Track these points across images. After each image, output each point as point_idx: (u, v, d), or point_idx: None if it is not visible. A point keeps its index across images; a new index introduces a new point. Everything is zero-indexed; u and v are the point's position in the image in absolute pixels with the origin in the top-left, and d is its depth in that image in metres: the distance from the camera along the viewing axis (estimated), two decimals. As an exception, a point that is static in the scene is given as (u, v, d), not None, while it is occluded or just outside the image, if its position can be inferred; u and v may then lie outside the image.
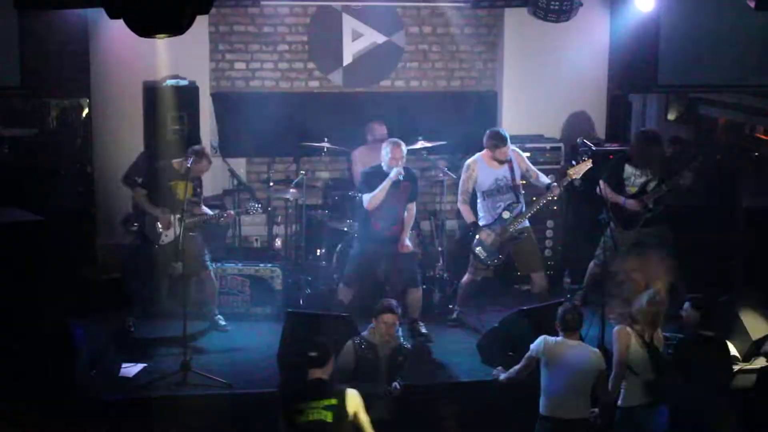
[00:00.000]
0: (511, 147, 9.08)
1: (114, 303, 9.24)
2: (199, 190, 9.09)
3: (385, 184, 8.67)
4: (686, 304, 7.35)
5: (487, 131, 9.07)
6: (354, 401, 6.31)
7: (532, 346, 6.97)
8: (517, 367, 7.09)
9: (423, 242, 10.17)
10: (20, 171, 10.44)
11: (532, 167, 9.22)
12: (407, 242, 8.92)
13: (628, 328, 6.88)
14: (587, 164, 8.93)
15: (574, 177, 8.92)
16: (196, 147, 9.08)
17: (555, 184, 8.96)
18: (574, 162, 9.07)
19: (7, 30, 9.33)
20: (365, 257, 8.90)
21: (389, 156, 8.70)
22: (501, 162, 8.98)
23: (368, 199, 8.76)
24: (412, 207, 9.01)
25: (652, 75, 10.63)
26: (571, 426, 6.83)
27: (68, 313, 8.48)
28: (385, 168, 8.73)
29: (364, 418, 6.35)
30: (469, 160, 9.15)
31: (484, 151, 9.06)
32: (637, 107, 13.03)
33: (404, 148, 8.76)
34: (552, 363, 6.85)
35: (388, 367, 7.28)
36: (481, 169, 9.03)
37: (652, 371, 6.84)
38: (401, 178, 8.68)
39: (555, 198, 9.03)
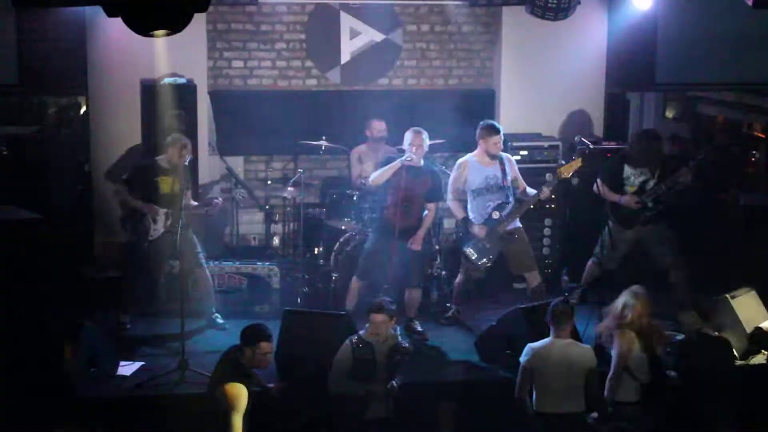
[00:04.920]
0: (506, 155, 9.12)
1: (112, 301, 9.23)
2: (184, 182, 9.05)
3: (394, 164, 8.63)
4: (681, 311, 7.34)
5: (480, 123, 9.07)
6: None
7: (521, 358, 6.97)
8: (517, 386, 7.04)
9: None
10: (18, 169, 10.44)
11: (521, 179, 9.16)
12: (418, 241, 8.81)
13: (632, 333, 6.86)
14: (577, 163, 8.93)
15: (564, 176, 8.93)
16: (172, 137, 9.05)
17: (544, 187, 8.90)
18: (564, 162, 9.05)
19: (5, 28, 9.34)
20: (377, 250, 8.83)
21: (408, 142, 8.69)
22: (492, 158, 8.97)
23: (374, 176, 8.78)
24: (433, 208, 8.97)
25: (650, 73, 10.66)
26: (564, 421, 6.85)
27: (66, 312, 8.48)
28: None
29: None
30: (460, 159, 9.15)
31: (476, 150, 9.05)
32: (635, 105, 13.06)
33: (425, 137, 8.72)
34: (543, 366, 6.86)
35: (385, 366, 7.28)
36: (471, 167, 9.01)
37: (650, 374, 6.84)
38: (410, 160, 8.57)
39: (543, 199, 8.98)
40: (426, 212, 8.92)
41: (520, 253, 9.11)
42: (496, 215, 8.94)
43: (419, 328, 8.98)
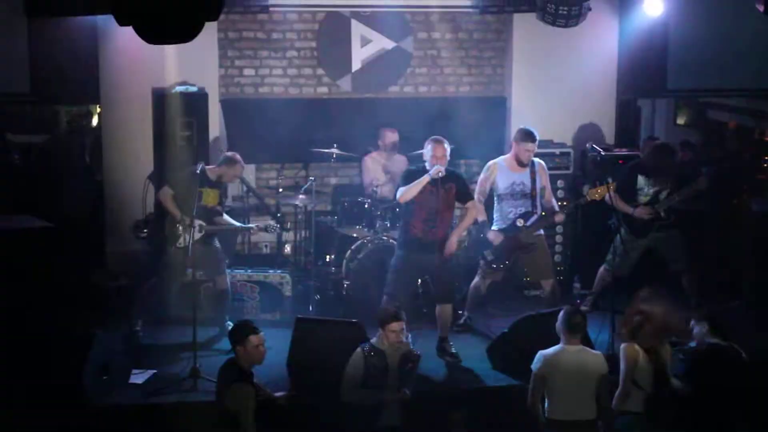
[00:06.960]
0: (539, 161, 9.06)
1: (124, 309, 9.25)
2: (224, 198, 9.08)
3: (422, 180, 8.35)
4: (692, 321, 7.26)
5: (520, 126, 9.04)
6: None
7: (533, 366, 6.94)
8: (529, 394, 6.98)
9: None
10: (30, 178, 10.47)
11: (549, 189, 9.11)
12: (453, 245, 8.59)
13: (636, 345, 6.83)
14: (606, 189, 8.72)
15: (594, 198, 8.80)
16: (228, 154, 9.15)
17: (558, 211, 8.95)
18: (598, 182, 8.90)
19: (17, 37, 9.37)
20: (406, 266, 8.59)
21: (430, 154, 8.45)
22: (523, 165, 8.93)
23: (401, 192, 8.45)
24: (472, 205, 8.67)
25: (661, 80, 10.63)
26: (576, 428, 6.82)
27: (78, 320, 8.50)
28: (428, 167, 8.46)
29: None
30: (490, 162, 9.09)
31: (508, 155, 9.02)
32: (646, 112, 13.03)
33: (447, 146, 8.49)
34: (555, 373, 6.84)
35: (397, 373, 7.28)
36: (500, 171, 8.96)
37: (657, 385, 6.81)
38: (440, 175, 8.36)
39: (555, 224, 8.94)
40: (465, 212, 8.70)
41: (539, 262, 9.08)
42: (520, 223, 8.89)
43: (453, 350, 8.65)
